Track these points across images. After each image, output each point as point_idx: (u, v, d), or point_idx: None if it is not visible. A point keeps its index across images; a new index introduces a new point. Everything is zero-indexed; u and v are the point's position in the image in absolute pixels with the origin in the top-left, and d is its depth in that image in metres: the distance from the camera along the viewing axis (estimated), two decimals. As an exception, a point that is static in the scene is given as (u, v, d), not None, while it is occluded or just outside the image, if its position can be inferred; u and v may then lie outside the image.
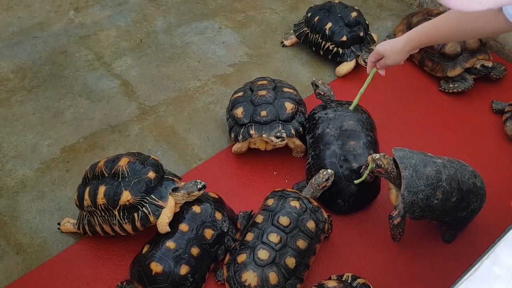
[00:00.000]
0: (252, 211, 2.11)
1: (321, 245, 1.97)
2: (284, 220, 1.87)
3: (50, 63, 2.79)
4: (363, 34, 2.71)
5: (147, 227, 1.88)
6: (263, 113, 2.21)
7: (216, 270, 1.95)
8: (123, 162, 1.88)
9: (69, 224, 2.06)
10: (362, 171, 2.04)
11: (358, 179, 2.02)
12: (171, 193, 1.89)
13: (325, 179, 2.00)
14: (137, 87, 2.69)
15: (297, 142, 2.29)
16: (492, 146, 2.44)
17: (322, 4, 2.83)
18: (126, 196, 1.82)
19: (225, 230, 1.95)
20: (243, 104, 2.26)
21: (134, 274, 1.88)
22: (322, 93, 2.38)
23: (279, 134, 2.16)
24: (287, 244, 1.83)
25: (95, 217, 1.93)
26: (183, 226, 1.88)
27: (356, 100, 2.22)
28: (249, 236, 1.88)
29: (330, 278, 1.86)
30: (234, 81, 2.71)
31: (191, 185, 1.89)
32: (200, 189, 1.88)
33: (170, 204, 1.87)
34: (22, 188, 2.24)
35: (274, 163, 2.35)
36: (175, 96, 2.65)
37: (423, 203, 1.82)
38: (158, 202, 1.85)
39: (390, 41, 1.85)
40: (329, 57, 2.76)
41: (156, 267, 1.80)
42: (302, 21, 2.88)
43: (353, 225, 2.13)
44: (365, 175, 1.98)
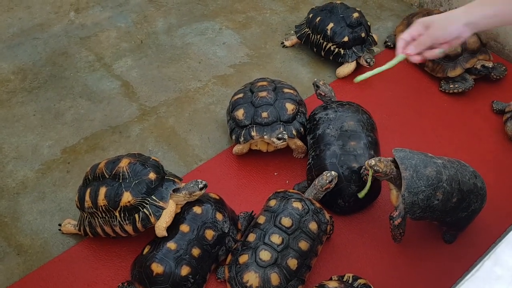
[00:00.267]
0: (253, 212, 2.11)
1: (322, 246, 1.96)
2: (286, 221, 1.86)
3: (51, 64, 2.80)
4: (365, 35, 2.71)
5: (148, 228, 1.88)
6: (264, 115, 2.21)
7: (217, 269, 1.96)
8: (124, 163, 1.88)
9: (70, 225, 2.06)
10: (362, 172, 2.03)
11: (362, 191, 1.97)
12: (172, 194, 1.89)
13: (329, 181, 2.00)
14: (138, 88, 2.69)
15: (299, 143, 2.29)
16: (493, 147, 2.43)
17: (324, 5, 2.82)
18: (127, 197, 1.83)
19: (226, 231, 1.95)
20: (244, 106, 2.26)
21: (135, 275, 1.88)
22: (323, 94, 2.38)
23: (281, 136, 2.15)
24: (289, 245, 1.82)
25: (96, 218, 1.93)
26: (184, 227, 1.88)
27: (365, 76, 1.82)
28: (251, 237, 1.88)
29: (331, 279, 1.86)
30: (235, 82, 2.72)
31: (192, 185, 1.89)
32: (202, 189, 1.88)
33: (170, 209, 1.87)
34: (23, 189, 2.24)
35: (275, 164, 2.35)
36: (176, 97, 2.65)
37: (424, 204, 1.82)
38: (159, 203, 1.85)
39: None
40: (330, 58, 2.75)
41: (157, 268, 1.80)
42: (304, 22, 2.88)
43: (354, 226, 2.13)
44: (368, 185, 1.93)
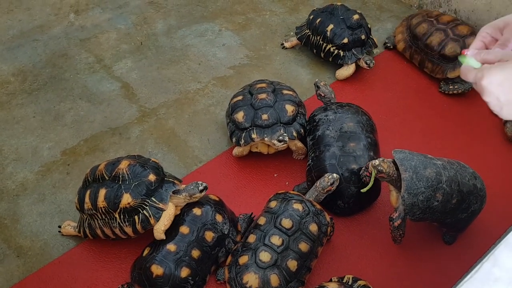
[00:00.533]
0: (253, 214, 2.11)
1: (323, 248, 1.96)
2: (287, 223, 1.86)
3: (51, 66, 2.80)
4: (365, 37, 2.70)
5: (148, 230, 1.88)
6: (264, 117, 2.21)
7: (217, 271, 1.96)
8: (124, 165, 1.88)
9: (70, 227, 2.06)
10: (362, 173, 2.03)
11: (365, 187, 1.97)
12: (172, 196, 1.89)
13: (330, 183, 1.99)
14: (138, 90, 2.69)
15: (299, 144, 2.29)
16: (492, 148, 2.43)
17: (325, 7, 2.82)
18: (127, 199, 1.83)
19: (226, 233, 1.95)
20: (244, 108, 2.26)
21: (135, 277, 1.88)
22: (323, 95, 2.38)
23: (282, 138, 2.15)
24: (289, 247, 1.82)
25: (96, 220, 1.93)
26: (184, 229, 1.88)
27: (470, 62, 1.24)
28: (251, 238, 1.88)
29: (331, 280, 1.86)
30: (234, 83, 2.72)
31: (193, 187, 1.89)
32: (202, 191, 1.88)
33: (169, 212, 1.86)
34: (23, 191, 2.24)
35: (275, 165, 2.35)
36: (176, 99, 2.65)
37: (424, 205, 1.82)
38: (159, 205, 1.85)
39: None
40: (330, 59, 2.74)
41: (157, 270, 1.80)
42: (304, 24, 2.88)
43: (354, 227, 2.13)
44: (371, 183, 1.94)
